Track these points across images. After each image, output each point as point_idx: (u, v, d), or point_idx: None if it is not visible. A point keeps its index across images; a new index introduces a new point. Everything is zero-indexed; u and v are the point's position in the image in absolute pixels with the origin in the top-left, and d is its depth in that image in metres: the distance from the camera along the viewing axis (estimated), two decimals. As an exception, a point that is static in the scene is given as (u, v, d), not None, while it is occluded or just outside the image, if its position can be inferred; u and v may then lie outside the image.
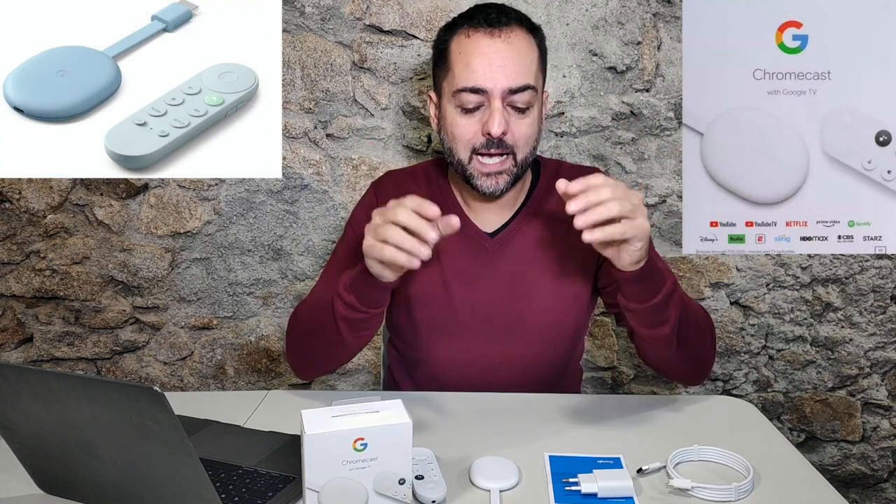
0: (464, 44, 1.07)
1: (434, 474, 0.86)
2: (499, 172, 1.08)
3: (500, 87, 1.04)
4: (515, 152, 1.08)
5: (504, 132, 1.05)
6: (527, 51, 1.07)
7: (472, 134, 1.07)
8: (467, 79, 1.05)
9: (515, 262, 1.16)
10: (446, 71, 1.10)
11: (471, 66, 1.05)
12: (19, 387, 0.75)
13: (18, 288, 1.72)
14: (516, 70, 1.05)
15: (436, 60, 1.14)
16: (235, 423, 1.03)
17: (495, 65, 1.04)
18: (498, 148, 1.06)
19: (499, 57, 1.04)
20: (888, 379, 1.76)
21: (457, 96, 1.07)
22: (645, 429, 1.03)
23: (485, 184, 1.09)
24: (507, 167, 1.08)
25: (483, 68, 1.04)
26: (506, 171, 1.08)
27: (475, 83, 1.04)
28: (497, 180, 1.08)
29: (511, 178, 1.09)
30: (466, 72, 1.05)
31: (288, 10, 1.58)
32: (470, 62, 1.05)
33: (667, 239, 1.69)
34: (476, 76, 1.04)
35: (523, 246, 1.16)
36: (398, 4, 1.58)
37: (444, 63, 1.11)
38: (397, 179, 1.24)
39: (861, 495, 1.83)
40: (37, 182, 1.66)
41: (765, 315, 1.73)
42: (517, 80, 1.04)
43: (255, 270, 1.71)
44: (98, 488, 0.81)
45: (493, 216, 1.18)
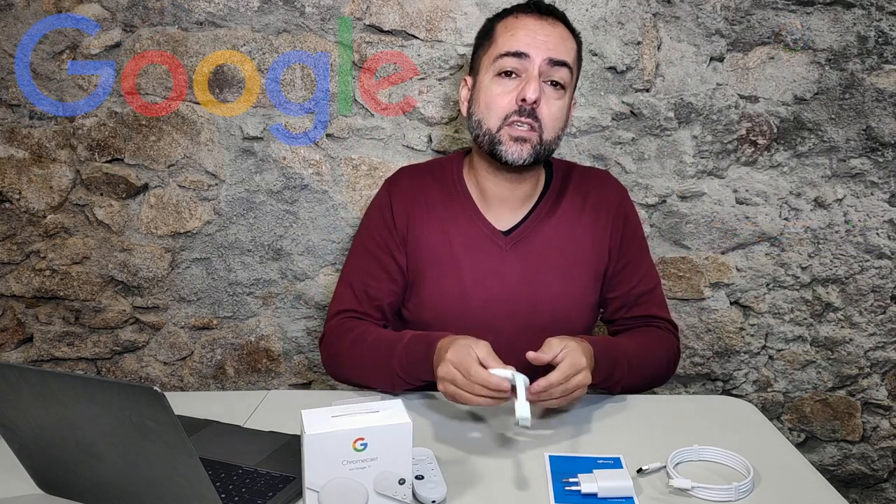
0: (511, 22, 1.14)
1: (434, 474, 0.86)
2: (526, 140, 1.11)
3: (542, 55, 1.10)
4: (543, 129, 1.11)
5: (536, 101, 1.09)
6: (568, 38, 1.15)
7: (506, 101, 1.11)
8: (511, 45, 1.11)
9: (528, 261, 1.17)
10: (489, 45, 1.15)
11: (516, 36, 1.11)
12: (19, 387, 0.75)
13: (18, 288, 1.72)
14: (558, 47, 1.11)
15: (478, 43, 1.20)
16: (235, 424, 1.03)
17: (539, 38, 1.11)
18: (529, 117, 1.10)
19: (543, 32, 1.11)
20: (888, 379, 1.76)
21: (497, 62, 1.12)
22: (645, 429, 1.03)
23: (511, 149, 1.11)
24: (533, 138, 1.11)
25: (528, 38, 1.11)
26: (531, 142, 1.11)
27: (518, 48, 1.10)
28: (522, 148, 1.11)
29: (534, 152, 1.12)
30: (511, 40, 1.11)
31: (288, 10, 1.58)
32: (516, 32, 1.12)
33: (667, 239, 1.69)
34: (520, 43, 1.10)
35: (536, 245, 1.18)
36: (398, 4, 1.57)
37: (487, 40, 1.16)
38: (412, 176, 1.25)
39: (861, 495, 1.83)
40: (37, 182, 1.66)
41: (765, 315, 1.73)
42: (558, 54, 1.10)
43: (255, 270, 1.71)
44: (98, 488, 0.81)
45: (507, 214, 1.20)
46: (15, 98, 1.63)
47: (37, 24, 1.59)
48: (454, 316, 1.17)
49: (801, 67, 1.60)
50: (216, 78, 1.61)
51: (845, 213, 1.67)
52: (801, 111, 1.62)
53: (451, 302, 1.17)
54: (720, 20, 1.58)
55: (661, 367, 1.16)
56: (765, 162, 1.65)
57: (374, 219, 1.22)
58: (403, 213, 1.21)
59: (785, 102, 1.62)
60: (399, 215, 1.21)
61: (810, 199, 1.66)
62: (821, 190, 1.66)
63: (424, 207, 1.21)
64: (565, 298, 1.17)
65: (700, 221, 1.68)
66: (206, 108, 1.63)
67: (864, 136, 1.63)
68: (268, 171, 1.65)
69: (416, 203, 1.21)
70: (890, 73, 1.60)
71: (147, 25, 1.59)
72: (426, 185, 1.22)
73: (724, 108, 1.61)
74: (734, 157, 1.64)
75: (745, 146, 1.64)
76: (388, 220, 1.21)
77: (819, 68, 1.60)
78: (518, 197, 1.19)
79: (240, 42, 1.59)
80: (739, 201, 1.66)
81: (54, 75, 1.62)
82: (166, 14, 1.58)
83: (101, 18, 1.59)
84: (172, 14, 1.58)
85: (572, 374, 0.97)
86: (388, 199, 1.22)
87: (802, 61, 1.60)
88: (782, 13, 1.58)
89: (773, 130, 1.63)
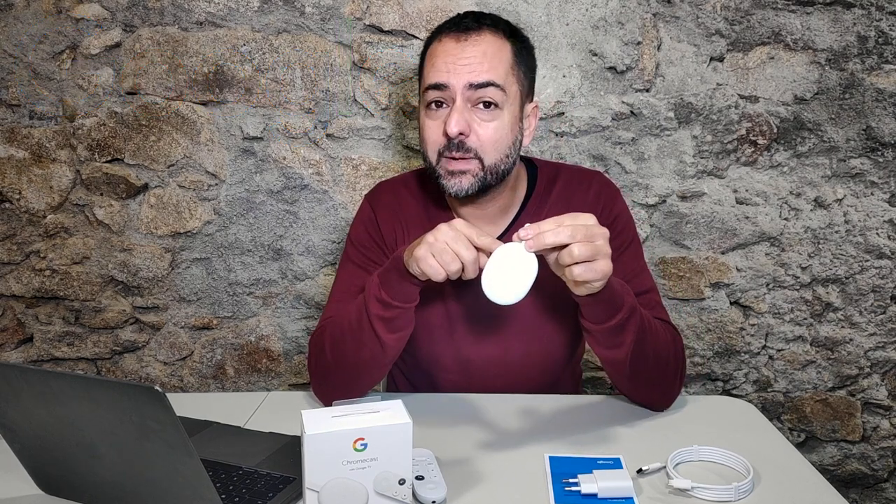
0: (433, 49, 1.09)
1: (434, 474, 0.86)
2: (462, 172, 1.06)
3: (462, 81, 1.04)
4: (481, 156, 1.06)
5: (463, 132, 1.04)
6: (495, 52, 1.06)
7: (436, 135, 1.07)
8: (432, 76, 1.06)
9: None
10: (421, 76, 1.12)
11: (436, 65, 1.06)
12: (19, 387, 0.75)
13: (18, 288, 1.72)
14: (480, 67, 1.04)
15: (419, 71, 1.15)
16: (235, 424, 1.03)
17: (459, 63, 1.05)
18: (459, 151, 1.05)
19: (463, 56, 1.05)
20: (888, 379, 1.76)
21: (424, 96, 1.08)
22: (645, 429, 1.03)
23: (449, 183, 1.07)
24: (471, 168, 1.06)
25: (447, 66, 1.05)
26: (470, 172, 1.06)
27: (438, 79, 1.05)
28: (461, 180, 1.06)
29: (478, 180, 1.06)
30: (432, 70, 1.07)
31: (288, 10, 1.58)
32: (435, 62, 1.07)
33: (667, 239, 1.69)
34: (439, 73, 1.05)
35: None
36: (398, 4, 1.57)
37: (420, 70, 1.13)
38: (391, 188, 1.23)
39: (861, 495, 1.83)
40: (37, 182, 1.66)
41: (765, 315, 1.73)
42: (479, 77, 1.04)
43: (255, 270, 1.71)
44: (98, 488, 0.81)
45: (487, 227, 1.15)
46: (15, 98, 1.63)
47: (37, 25, 1.59)
48: (437, 323, 1.16)
49: (801, 67, 1.60)
50: (216, 78, 1.61)
51: (845, 213, 1.67)
52: (801, 111, 1.62)
53: (436, 312, 1.15)
54: (720, 20, 1.58)
55: (668, 350, 1.08)
56: (765, 162, 1.65)
57: (361, 234, 1.20)
58: (390, 228, 1.19)
59: (785, 102, 1.62)
60: (386, 230, 1.18)
61: (810, 199, 1.66)
62: (821, 190, 1.66)
63: (406, 222, 1.19)
64: (551, 305, 1.15)
65: (700, 221, 1.68)
66: (205, 108, 1.63)
67: (864, 136, 1.63)
68: (268, 171, 1.65)
69: (398, 218, 1.19)
70: (890, 73, 1.60)
71: (147, 25, 1.59)
72: (405, 200, 1.20)
73: (724, 108, 1.61)
74: (734, 157, 1.64)
75: (745, 146, 1.64)
76: (375, 234, 1.19)
77: (819, 68, 1.60)
78: (491, 214, 1.16)
79: (240, 42, 1.59)
80: (739, 201, 1.66)
81: (54, 75, 1.62)
82: (166, 14, 1.58)
83: (101, 18, 1.59)
84: (172, 14, 1.58)
85: (578, 217, 0.88)
86: (373, 213, 1.20)
87: (802, 61, 1.60)
88: (782, 13, 1.58)
89: (773, 130, 1.63)
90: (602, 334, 0.99)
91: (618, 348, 1.00)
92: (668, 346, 1.07)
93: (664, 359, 1.06)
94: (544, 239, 0.86)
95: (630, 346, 0.99)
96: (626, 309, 0.97)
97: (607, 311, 0.96)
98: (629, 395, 1.11)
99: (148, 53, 1.60)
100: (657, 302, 1.15)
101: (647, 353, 1.02)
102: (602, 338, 1.00)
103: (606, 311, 0.96)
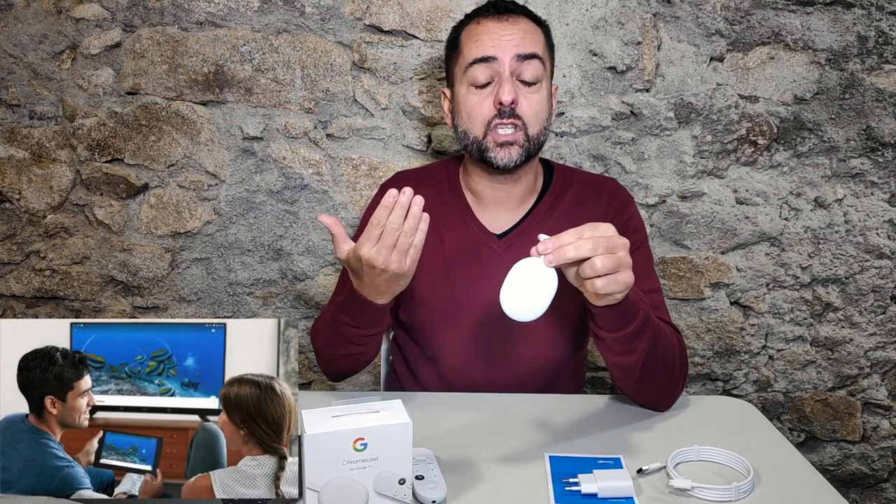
0: (473, 29, 1.15)
1: (434, 474, 0.86)
2: (511, 143, 1.11)
3: (509, 53, 1.10)
4: (526, 126, 1.11)
5: (514, 101, 1.09)
6: (533, 31, 1.14)
7: (485, 109, 1.12)
8: (478, 51, 1.11)
9: None
10: (458, 55, 1.16)
11: (480, 41, 1.12)
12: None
13: (18, 288, 1.72)
14: (524, 41, 1.11)
15: (448, 54, 1.20)
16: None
17: (504, 38, 1.11)
18: (510, 118, 1.10)
19: (506, 32, 1.12)
20: (888, 379, 1.76)
21: (468, 73, 1.12)
22: (645, 429, 1.03)
23: (499, 155, 1.12)
24: (519, 138, 1.11)
25: (492, 41, 1.11)
26: (518, 143, 1.12)
27: (485, 53, 1.11)
28: (510, 151, 1.12)
29: (523, 151, 1.12)
30: (476, 46, 1.12)
31: (288, 10, 1.58)
32: (479, 38, 1.12)
33: (667, 239, 1.69)
34: (485, 48, 1.11)
35: (530, 247, 1.16)
36: (398, 4, 1.57)
37: (455, 50, 1.17)
38: (406, 180, 1.25)
39: (861, 495, 1.83)
40: (37, 182, 1.66)
41: (765, 315, 1.73)
42: (525, 48, 1.11)
43: (255, 270, 1.71)
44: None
45: (503, 216, 1.20)
46: (15, 98, 1.63)
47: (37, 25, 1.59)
48: (446, 318, 1.18)
49: (801, 67, 1.60)
50: (216, 78, 1.61)
51: (845, 213, 1.67)
52: (801, 111, 1.62)
53: (442, 304, 1.18)
54: (720, 20, 1.58)
55: (675, 353, 1.08)
56: (765, 162, 1.64)
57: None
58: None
59: (785, 102, 1.62)
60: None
61: (810, 199, 1.66)
62: (821, 190, 1.66)
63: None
64: (559, 300, 1.16)
65: (700, 221, 1.68)
66: (205, 108, 1.63)
67: (864, 136, 1.63)
68: (268, 171, 1.65)
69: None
70: (890, 73, 1.60)
71: (147, 25, 1.59)
72: (419, 190, 1.22)
73: (724, 108, 1.61)
74: (734, 157, 1.64)
75: (745, 146, 1.64)
76: None
77: (819, 68, 1.60)
78: (514, 198, 1.19)
79: (240, 42, 1.59)
80: (739, 201, 1.66)
81: (54, 75, 1.62)
82: (166, 14, 1.59)
83: (101, 18, 1.59)
84: (172, 14, 1.58)
85: (598, 228, 0.86)
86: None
87: (802, 61, 1.60)
88: (782, 13, 1.58)
89: (773, 130, 1.63)
90: (616, 342, 0.98)
91: (629, 355, 0.99)
92: (675, 349, 1.07)
93: (671, 362, 1.06)
94: (565, 253, 0.84)
95: (643, 352, 0.99)
96: (641, 317, 0.96)
97: (623, 320, 0.95)
98: (633, 396, 1.10)
99: (148, 53, 1.60)
100: (661, 302, 1.17)
101: (656, 357, 1.02)
102: (615, 345, 0.99)
103: (623, 319, 0.95)
